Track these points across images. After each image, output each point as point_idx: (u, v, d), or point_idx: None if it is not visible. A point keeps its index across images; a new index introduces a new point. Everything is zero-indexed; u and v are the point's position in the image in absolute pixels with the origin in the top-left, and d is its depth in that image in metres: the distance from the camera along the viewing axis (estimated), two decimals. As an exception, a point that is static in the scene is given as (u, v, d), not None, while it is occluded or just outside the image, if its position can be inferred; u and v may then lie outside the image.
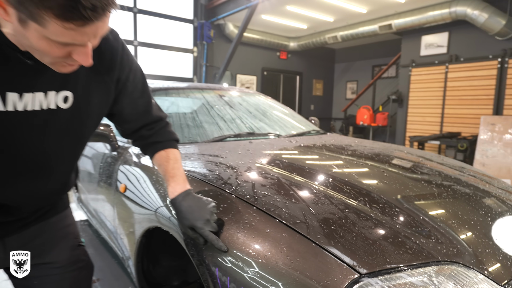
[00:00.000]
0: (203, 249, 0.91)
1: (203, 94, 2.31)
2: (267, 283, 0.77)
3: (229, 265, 0.85)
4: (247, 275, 0.81)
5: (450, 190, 1.23)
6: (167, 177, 0.98)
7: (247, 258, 0.83)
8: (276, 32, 8.00)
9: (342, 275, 0.75)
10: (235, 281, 0.82)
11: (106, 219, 1.85)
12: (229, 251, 0.86)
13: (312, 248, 0.81)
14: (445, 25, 5.58)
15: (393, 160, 1.56)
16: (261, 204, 0.97)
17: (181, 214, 0.91)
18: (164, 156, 1.01)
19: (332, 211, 0.96)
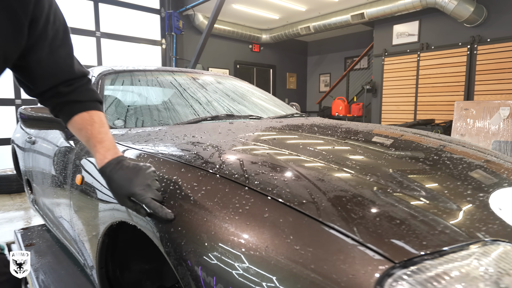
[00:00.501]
0: (182, 243, 0.69)
1: (174, 77, 2.07)
2: (269, 283, 0.58)
3: (215, 262, 0.65)
4: (239, 273, 0.61)
5: (471, 164, 1.08)
6: (93, 143, 0.85)
7: (240, 252, 0.63)
8: (248, 24, 7.79)
9: (371, 266, 0.56)
10: (223, 281, 0.62)
11: (63, 219, 1.57)
12: (215, 245, 0.66)
13: (326, 233, 0.62)
14: (416, 13, 5.62)
15: (395, 136, 1.40)
16: (254, 184, 0.76)
17: (115, 183, 0.79)
18: (87, 118, 0.88)
19: (343, 188, 0.78)
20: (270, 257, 0.60)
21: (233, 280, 0.61)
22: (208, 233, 0.68)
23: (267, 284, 0.58)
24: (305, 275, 0.57)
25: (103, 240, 1.06)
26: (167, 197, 0.80)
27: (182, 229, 0.72)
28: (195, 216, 0.72)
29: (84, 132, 0.87)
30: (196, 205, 0.75)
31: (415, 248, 0.60)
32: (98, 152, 0.84)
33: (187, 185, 0.81)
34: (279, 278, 0.58)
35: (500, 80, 4.77)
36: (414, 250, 0.59)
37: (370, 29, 7.32)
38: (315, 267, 0.57)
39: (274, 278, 0.58)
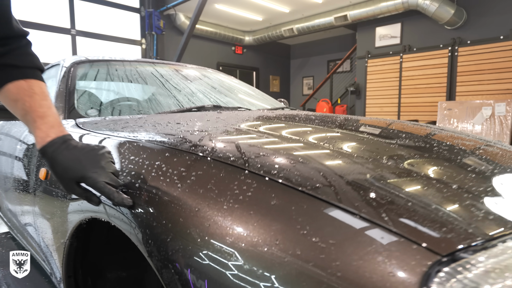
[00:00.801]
0: (168, 240, 0.55)
1: (155, 68, 1.91)
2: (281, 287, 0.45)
3: (207, 263, 0.51)
4: (240, 275, 0.48)
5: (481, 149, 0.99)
6: (32, 118, 0.71)
7: (241, 248, 0.50)
8: (230, 25, 7.69)
9: (413, 261, 0.44)
10: (217, 285, 0.49)
11: (27, 224, 1.38)
12: (209, 240, 0.52)
13: (352, 222, 0.49)
14: (398, 16, 5.67)
15: (401, 127, 1.30)
16: (256, 167, 0.63)
17: (60, 166, 0.66)
18: (24, 88, 0.74)
19: (361, 171, 0.66)
20: (282, 253, 0.47)
21: (234, 286, 0.47)
22: (200, 227, 0.54)
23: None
24: (329, 274, 0.44)
25: (71, 243, 0.89)
26: (149, 185, 0.65)
27: (168, 222, 0.57)
28: (184, 207, 0.58)
29: (20, 104, 0.72)
30: (184, 193, 0.61)
31: (461, 238, 0.48)
32: (38, 128, 0.70)
33: (173, 171, 0.66)
34: (294, 280, 0.44)
35: (480, 81, 4.86)
36: (460, 240, 0.47)
37: (353, 32, 7.37)
38: (341, 264, 0.44)
39: (287, 280, 0.45)
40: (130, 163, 0.75)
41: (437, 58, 5.26)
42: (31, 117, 0.71)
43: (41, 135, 0.69)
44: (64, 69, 1.61)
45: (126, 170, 0.73)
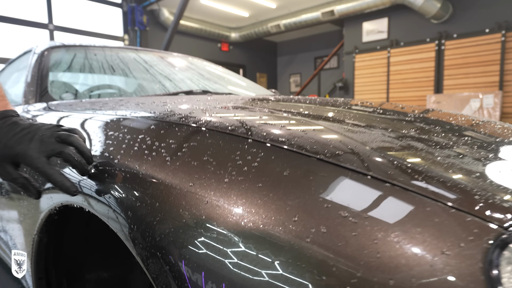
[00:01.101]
0: (155, 223, 0.43)
1: (138, 54, 1.78)
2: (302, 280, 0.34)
3: (204, 252, 0.39)
4: (251, 267, 0.37)
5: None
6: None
7: (247, 230, 0.39)
8: (216, 21, 7.54)
9: (472, 234, 0.35)
10: (216, 277, 0.38)
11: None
12: (206, 222, 0.41)
13: (388, 192, 0.40)
14: (385, 10, 5.66)
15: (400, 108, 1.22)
16: (260, 135, 0.52)
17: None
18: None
19: (384, 140, 0.56)
20: (302, 233, 0.37)
21: (236, 276, 0.37)
22: (195, 205, 0.43)
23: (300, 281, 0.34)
24: (366, 256, 0.34)
25: (40, 239, 0.76)
26: (131, 161, 0.54)
27: (154, 201, 0.45)
28: (174, 183, 0.47)
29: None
30: (174, 167, 0.49)
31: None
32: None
33: (160, 144, 0.55)
34: (320, 265, 0.34)
35: (467, 74, 4.88)
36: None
37: (339, 28, 7.35)
38: (380, 243, 0.34)
39: (311, 266, 0.34)
40: (108, 139, 0.63)
41: (424, 52, 5.27)
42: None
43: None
44: (37, 53, 1.47)
45: (103, 147, 0.61)
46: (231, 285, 0.37)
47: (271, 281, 0.35)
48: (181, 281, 0.40)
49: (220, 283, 0.37)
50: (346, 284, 0.33)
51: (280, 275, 0.35)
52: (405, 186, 0.40)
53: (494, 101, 4.13)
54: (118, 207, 0.49)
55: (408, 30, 5.49)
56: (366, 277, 0.33)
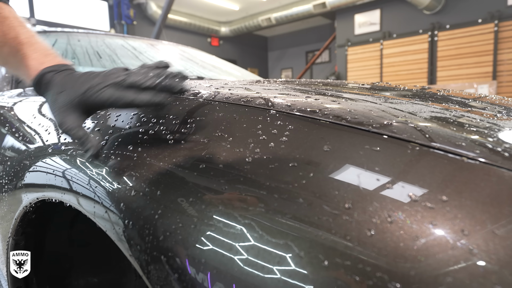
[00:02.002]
0: (156, 217, 0.33)
1: (126, 41, 1.65)
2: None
3: (210, 248, 0.29)
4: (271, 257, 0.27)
5: None
6: (12, 46, 0.51)
7: (268, 216, 0.28)
8: (205, 15, 7.38)
9: None
10: (230, 279, 0.28)
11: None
12: (228, 213, 0.31)
13: (452, 162, 0.30)
14: (377, 2, 5.60)
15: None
16: (285, 106, 0.42)
17: (62, 89, 0.45)
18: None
19: (434, 110, 0.46)
20: (355, 217, 0.27)
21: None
22: (210, 191, 0.32)
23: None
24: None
25: (16, 243, 0.65)
26: (123, 140, 0.43)
27: (155, 189, 0.35)
28: (180, 165, 0.36)
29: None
30: (178, 145, 0.39)
31: None
32: (27, 56, 0.50)
33: (158, 120, 0.44)
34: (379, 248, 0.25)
35: (461, 65, 4.86)
36: None
37: (331, 22, 7.27)
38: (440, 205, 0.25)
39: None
40: (93, 119, 0.52)
41: (417, 43, 5.23)
42: (11, 48, 0.51)
43: (33, 62, 0.50)
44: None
45: (88, 128, 0.50)
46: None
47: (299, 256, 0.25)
48: (185, 283, 0.29)
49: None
50: (393, 280, 0.23)
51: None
52: (487, 161, 0.30)
53: (489, 91, 4.11)
54: (107, 199, 0.38)
55: (401, 21, 5.44)
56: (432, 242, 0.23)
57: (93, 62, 1.34)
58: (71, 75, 0.47)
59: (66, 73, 0.47)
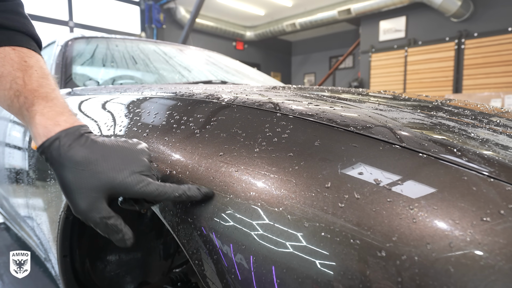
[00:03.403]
0: (188, 204, 0.44)
1: (158, 46, 1.80)
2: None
3: (231, 224, 0.40)
4: (277, 232, 0.37)
5: None
6: (28, 100, 0.47)
7: (278, 198, 0.39)
8: (232, 20, 7.58)
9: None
10: (245, 244, 0.38)
11: (20, 206, 1.27)
12: (238, 190, 0.41)
13: (424, 161, 0.39)
14: (403, 9, 5.58)
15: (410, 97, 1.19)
16: (288, 110, 0.52)
17: (80, 167, 0.40)
18: (13, 59, 0.49)
19: (415, 117, 0.55)
20: (336, 199, 0.36)
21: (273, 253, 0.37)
22: (225, 173, 0.43)
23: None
24: (405, 221, 0.33)
25: (66, 216, 0.78)
26: (160, 133, 0.54)
27: (185, 170, 0.46)
28: (204, 152, 0.47)
29: (7, 82, 0.48)
30: (203, 138, 0.50)
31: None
32: (40, 114, 0.45)
33: (188, 118, 0.55)
34: (357, 234, 0.34)
35: (488, 74, 4.75)
36: None
37: (355, 27, 7.27)
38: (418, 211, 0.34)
39: (347, 235, 0.34)
40: (135, 115, 0.64)
41: (443, 51, 5.16)
42: (27, 100, 0.47)
43: (45, 123, 0.44)
44: (61, 44, 1.51)
45: (131, 122, 0.62)
46: (263, 255, 0.37)
47: (308, 245, 0.35)
48: (212, 246, 0.40)
49: (248, 253, 0.37)
50: (382, 248, 0.32)
51: (316, 241, 0.35)
52: (439, 156, 0.39)
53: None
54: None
55: (427, 28, 5.39)
56: (402, 241, 0.32)
57: (129, 66, 1.49)
58: (92, 144, 0.43)
59: (85, 140, 0.43)
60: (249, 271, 0.38)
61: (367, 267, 0.33)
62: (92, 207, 0.39)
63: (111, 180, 0.40)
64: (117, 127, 0.64)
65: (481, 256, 0.30)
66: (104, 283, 0.95)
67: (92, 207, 0.39)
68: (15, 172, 1.20)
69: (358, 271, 0.33)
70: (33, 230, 1.14)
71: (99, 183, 0.39)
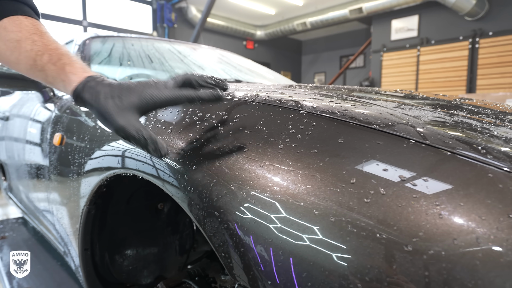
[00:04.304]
0: (212, 184, 0.45)
1: (172, 45, 1.83)
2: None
3: (257, 218, 0.41)
4: (301, 227, 0.38)
5: None
6: (52, 57, 0.55)
7: (304, 195, 0.40)
8: (242, 19, 7.59)
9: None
10: (266, 239, 0.39)
11: (40, 200, 1.30)
12: (263, 184, 0.42)
13: (449, 158, 0.39)
14: (415, 8, 5.51)
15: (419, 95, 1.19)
16: (310, 107, 0.53)
17: (112, 93, 0.50)
18: (28, 26, 0.58)
19: (437, 116, 0.55)
20: (362, 194, 0.37)
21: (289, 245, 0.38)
22: (250, 169, 0.44)
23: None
24: (431, 216, 0.34)
25: (89, 210, 0.80)
26: (184, 130, 0.56)
27: (212, 165, 0.47)
28: (229, 148, 0.48)
29: (28, 44, 0.56)
30: (227, 135, 0.51)
31: None
32: (70, 65, 0.54)
33: (211, 115, 0.57)
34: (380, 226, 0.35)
35: (503, 74, 4.67)
36: None
37: (366, 26, 7.21)
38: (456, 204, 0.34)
39: (370, 229, 0.35)
40: (156, 113, 0.66)
41: (457, 50, 5.08)
42: (52, 57, 0.54)
43: (75, 71, 0.53)
44: (79, 43, 1.54)
45: (155, 118, 0.64)
46: (287, 251, 0.38)
47: (334, 240, 0.35)
48: (239, 239, 0.41)
49: (275, 247, 0.38)
50: (408, 243, 0.33)
51: (342, 236, 0.35)
52: (464, 154, 0.40)
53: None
54: (174, 171, 0.51)
55: (440, 27, 5.32)
56: (429, 236, 0.33)
57: (145, 65, 1.52)
58: (116, 83, 0.51)
59: (110, 82, 0.51)
60: (277, 265, 0.39)
61: (394, 261, 0.33)
62: (127, 123, 0.47)
63: (133, 100, 0.49)
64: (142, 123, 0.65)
65: (508, 252, 0.30)
66: (122, 276, 0.97)
67: (127, 123, 0.47)
68: (36, 168, 1.24)
69: (385, 265, 0.33)
70: (53, 224, 1.17)
71: (127, 104, 0.48)
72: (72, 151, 0.88)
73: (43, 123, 1.18)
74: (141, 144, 0.47)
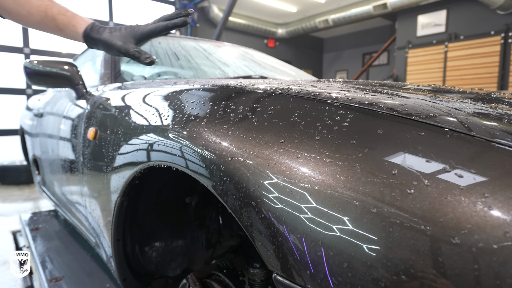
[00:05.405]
0: (248, 175, 0.45)
1: (198, 43, 1.85)
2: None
3: (294, 208, 0.41)
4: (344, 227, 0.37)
5: None
6: (59, 7, 0.76)
7: (343, 185, 0.39)
8: (263, 17, 7.59)
9: None
10: (301, 230, 0.39)
11: (73, 193, 1.35)
12: (298, 179, 0.42)
13: (495, 150, 0.38)
14: (443, 2, 5.32)
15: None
16: (345, 99, 0.52)
17: (114, 32, 0.74)
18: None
19: (478, 107, 0.53)
20: (403, 186, 0.36)
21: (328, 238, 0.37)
22: (286, 160, 0.44)
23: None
24: (478, 209, 0.33)
25: (122, 202, 0.83)
26: (218, 123, 0.56)
27: (248, 156, 0.47)
28: (264, 140, 0.48)
29: (39, 7, 0.73)
30: (262, 127, 0.51)
31: None
32: (78, 15, 0.77)
33: (244, 108, 0.57)
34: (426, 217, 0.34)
35: (538, 69, 4.44)
36: None
37: (391, 23, 7.03)
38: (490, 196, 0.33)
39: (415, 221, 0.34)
40: (191, 106, 0.67)
41: (488, 46, 4.87)
42: (61, 9, 0.74)
43: (80, 20, 0.75)
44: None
45: (189, 112, 0.65)
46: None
47: (375, 231, 0.35)
48: (276, 229, 0.41)
49: (313, 237, 0.38)
50: (455, 235, 0.32)
51: (384, 227, 0.35)
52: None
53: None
54: (210, 163, 0.51)
55: (470, 22, 5.11)
56: (478, 228, 0.32)
57: (172, 62, 1.54)
58: (113, 26, 0.74)
59: (108, 26, 0.74)
60: (314, 254, 0.38)
61: (440, 254, 0.32)
62: (127, 45, 0.72)
63: (128, 31, 0.73)
64: (176, 117, 0.67)
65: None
66: (151, 267, 1.00)
67: (127, 45, 0.72)
68: (69, 162, 1.28)
69: (431, 257, 0.33)
70: (85, 216, 1.22)
71: (125, 34, 0.72)
72: (106, 145, 0.90)
73: (76, 119, 1.23)
74: (136, 57, 0.71)
